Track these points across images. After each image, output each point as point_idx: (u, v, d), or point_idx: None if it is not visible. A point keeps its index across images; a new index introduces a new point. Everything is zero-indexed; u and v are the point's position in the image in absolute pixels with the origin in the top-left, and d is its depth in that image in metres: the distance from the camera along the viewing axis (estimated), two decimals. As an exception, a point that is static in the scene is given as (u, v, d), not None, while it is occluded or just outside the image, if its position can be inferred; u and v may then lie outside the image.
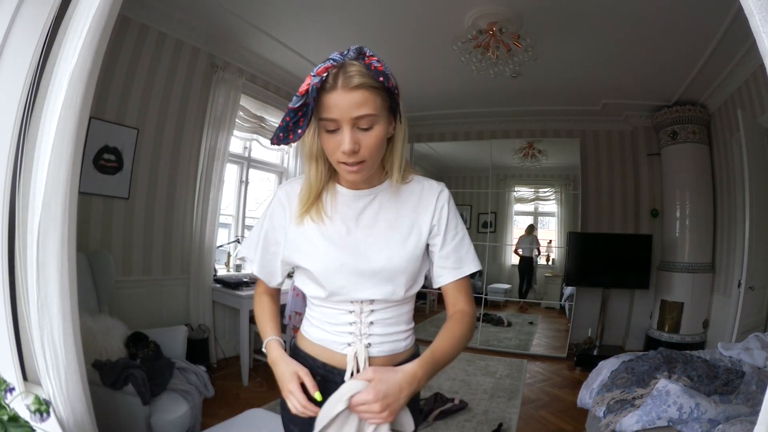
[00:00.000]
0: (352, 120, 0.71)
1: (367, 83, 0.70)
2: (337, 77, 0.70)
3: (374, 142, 0.74)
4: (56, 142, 0.91)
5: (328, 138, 0.75)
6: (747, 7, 0.66)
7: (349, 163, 0.75)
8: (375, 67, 0.71)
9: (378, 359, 0.85)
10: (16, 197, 0.94)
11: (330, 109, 0.71)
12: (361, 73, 0.70)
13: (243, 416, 1.66)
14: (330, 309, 0.87)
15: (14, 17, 0.91)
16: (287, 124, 0.73)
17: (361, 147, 0.73)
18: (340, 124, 0.72)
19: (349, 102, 0.70)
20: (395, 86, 0.75)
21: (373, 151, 0.75)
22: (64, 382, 0.93)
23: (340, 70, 0.71)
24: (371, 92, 0.71)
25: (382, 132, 0.75)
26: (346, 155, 0.73)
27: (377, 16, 2.83)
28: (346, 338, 0.85)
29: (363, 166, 0.76)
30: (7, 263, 0.93)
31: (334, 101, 0.70)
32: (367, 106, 0.71)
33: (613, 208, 4.50)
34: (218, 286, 3.18)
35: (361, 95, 0.70)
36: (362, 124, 0.72)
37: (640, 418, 1.65)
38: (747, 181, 2.76)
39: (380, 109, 0.73)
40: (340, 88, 0.70)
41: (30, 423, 0.70)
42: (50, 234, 0.92)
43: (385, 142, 0.78)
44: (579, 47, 3.06)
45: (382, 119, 0.75)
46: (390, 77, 0.73)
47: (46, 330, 0.92)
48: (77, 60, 0.91)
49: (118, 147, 2.65)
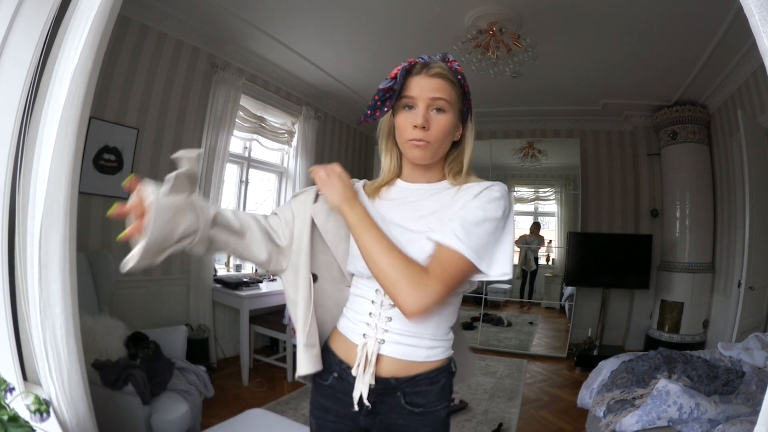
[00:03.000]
0: (429, 99, 0.81)
1: (445, 75, 0.82)
2: (422, 67, 0.82)
3: (443, 125, 0.82)
4: (57, 142, 0.91)
5: (404, 115, 0.83)
6: (747, 7, 0.66)
7: (416, 139, 0.81)
8: (455, 68, 0.83)
9: (388, 360, 0.82)
10: (17, 197, 0.94)
11: (411, 88, 0.82)
12: (442, 67, 0.82)
13: (243, 416, 1.66)
14: (356, 296, 0.88)
15: (14, 17, 0.91)
16: (375, 102, 0.84)
17: (430, 126, 0.81)
18: (417, 102, 0.81)
19: (428, 84, 0.81)
20: (469, 92, 0.86)
21: (440, 135, 0.82)
22: (66, 382, 0.93)
23: (426, 63, 0.83)
24: (448, 83, 0.82)
25: (451, 122, 0.83)
26: (416, 129, 0.80)
27: (377, 16, 2.83)
28: (362, 328, 0.85)
29: (428, 145, 0.82)
30: (7, 263, 0.93)
31: (417, 83, 0.82)
32: (443, 92, 0.81)
33: (613, 208, 4.50)
34: (218, 286, 3.17)
35: (439, 82, 0.81)
36: (436, 105, 0.81)
37: (640, 418, 1.65)
38: (747, 181, 2.76)
39: (453, 101, 0.83)
40: (423, 74, 0.82)
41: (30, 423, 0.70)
42: (52, 234, 0.92)
43: (451, 134, 0.85)
44: (579, 47, 3.06)
45: (452, 111, 0.83)
46: (465, 80, 0.84)
47: (48, 330, 0.92)
48: (77, 60, 0.91)
49: (118, 147, 2.65)
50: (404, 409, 0.83)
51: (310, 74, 3.89)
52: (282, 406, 2.60)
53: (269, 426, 1.60)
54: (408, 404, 0.83)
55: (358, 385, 0.83)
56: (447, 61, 0.84)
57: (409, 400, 0.83)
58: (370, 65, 3.62)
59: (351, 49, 3.40)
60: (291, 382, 3.03)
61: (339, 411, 0.87)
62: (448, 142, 0.85)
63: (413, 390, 0.83)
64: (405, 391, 0.83)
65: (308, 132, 4.18)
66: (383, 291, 0.79)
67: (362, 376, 0.82)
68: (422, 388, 0.83)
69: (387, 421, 0.85)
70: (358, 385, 0.83)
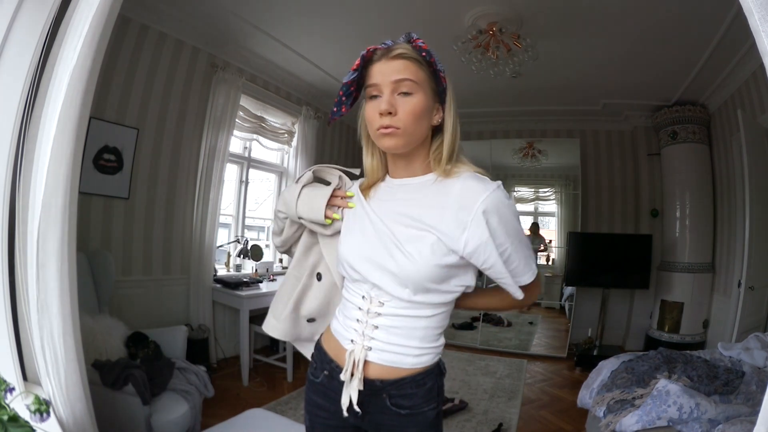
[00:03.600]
0: (392, 83, 0.75)
1: (408, 54, 0.76)
2: (383, 52, 0.77)
3: (411, 108, 0.76)
4: (56, 142, 0.91)
5: (371, 105, 0.78)
6: (746, 6, 0.66)
7: (384, 126, 0.76)
8: (419, 46, 0.76)
9: (375, 366, 0.82)
10: (16, 197, 0.94)
11: (374, 75, 0.77)
12: (404, 47, 0.76)
13: (243, 416, 1.66)
14: (346, 300, 0.88)
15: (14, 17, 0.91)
16: (340, 98, 0.81)
17: (397, 111, 0.75)
18: (381, 89, 0.76)
19: (390, 68, 0.76)
20: (440, 68, 0.78)
21: (409, 118, 0.76)
22: (64, 382, 0.93)
23: (388, 48, 0.77)
24: (412, 62, 0.76)
25: (422, 103, 0.77)
26: (383, 116, 0.75)
27: (377, 16, 2.83)
28: (351, 334, 0.85)
29: (397, 131, 0.76)
30: (7, 263, 0.93)
31: (378, 69, 0.76)
32: (407, 72, 0.75)
33: (613, 208, 4.50)
34: (218, 286, 3.17)
35: (401, 63, 0.75)
36: (402, 88, 0.76)
37: (640, 418, 1.65)
38: (747, 181, 2.76)
39: (422, 81, 0.77)
40: (384, 58, 0.76)
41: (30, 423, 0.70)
42: (50, 234, 0.92)
43: (424, 117, 0.79)
44: (579, 47, 3.06)
45: (423, 91, 0.77)
46: (433, 55, 0.76)
47: (46, 330, 0.92)
48: (77, 60, 0.91)
49: (118, 147, 2.65)
50: (390, 411, 0.83)
51: (310, 74, 3.89)
52: (282, 406, 2.60)
53: (269, 426, 1.60)
54: (393, 406, 0.82)
55: (346, 390, 0.83)
56: (411, 42, 0.77)
57: (394, 402, 0.82)
58: (370, 65, 3.62)
59: (351, 49, 3.38)
60: (291, 382, 3.04)
61: (330, 408, 0.88)
62: (423, 126, 0.79)
63: (399, 392, 0.82)
64: (390, 393, 0.82)
65: (308, 132, 4.18)
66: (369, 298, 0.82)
67: (349, 382, 0.82)
68: (408, 390, 0.82)
69: (375, 421, 0.85)
70: (346, 391, 0.83)
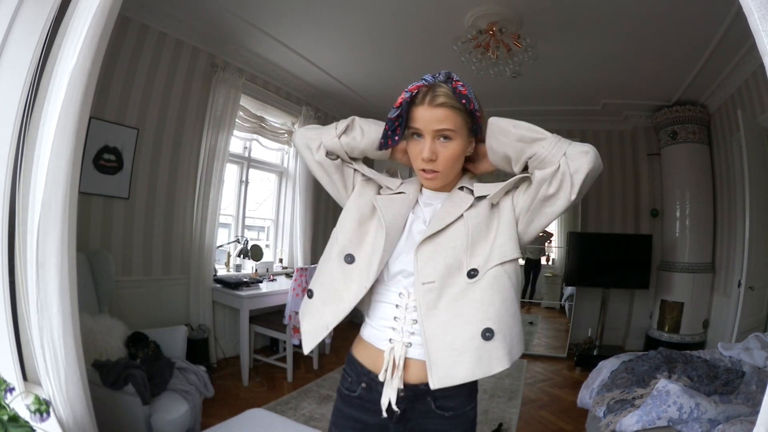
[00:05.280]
0: (434, 132, 0.82)
1: (450, 103, 0.80)
2: (425, 95, 0.81)
3: (450, 155, 0.83)
4: (56, 142, 0.91)
5: (414, 144, 0.86)
6: (746, 6, 0.66)
7: (427, 170, 0.85)
8: (459, 91, 0.81)
9: (415, 364, 0.82)
10: (16, 197, 0.94)
11: (416, 120, 0.83)
12: (446, 94, 0.81)
13: (243, 416, 1.66)
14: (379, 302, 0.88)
15: (14, 17, 0.91)
16: (386, 131, 0.87)
17: (438, 157, 0.83)
18: (423, 133, 0.83)
19: (432, 116, 0.81)
20: (477, 108, 0.84)
21: (448, 163, 0.84)
22: (64, 382, 0.93)
23: (429, 90, 0.81)
24: (453, 111, 0.81)
25: (459, 148, 0.84)
26: (424, 162, 0.83)
27: (377, 16, 2.83)
28: (388, 333, 0.85)
29: (437, 175, 0.85)
30: (7, 263, 0.93)
31: (421, 114, 0.82)
32: (447, 122, 0.81)
33: (613, 208, 4.50)
34: (218, 286, 3.17)
35: (443, 112, 0.81)
36: (442, 134, 0.83)
37: (640, 418, 1.65)
38: (747, 181, 2.76)
39: (460, 128, 0.83)
40: (427, 104, 0.81)
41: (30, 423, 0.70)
42: (50, 234, 0.92)
43: (461, 157, 0.87)
44: (579, 47, 3.06)
45: (460, 137, 0.84)
46: (473, 101, 0.83)
47: (45, 330, 0.92)
48: (77, 60, 0.91)
49: (118, 147, 2.65)
50: (434, 414, 0.83)
51: (310, 74, 3.89)
52: (282, 406, 2.60)
53: (269, 426, 1.60)
54: (438, 408, 0.83)
55: (386, 390, 0.82)
56: (451, 80, 0.82)
57: (439, 404, 0.83)
58: (370, 65, 3.62)
59: (351, 49, 3.40)
60: (291, 382, 3.04)
61: (368, 421, 0.87)
62: (459, 164, 0.88)
63: (443, 393, 0.82)
64: (435, 396, 0.83)
65: (308, 132, 4.17)
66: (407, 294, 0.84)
67: (390, 381, 0.81)
68: (452, 391, 0.81)
69: (417, 428, 0.85)
70: (386, 391, 0.82)
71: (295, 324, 3.03)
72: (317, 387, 2.91)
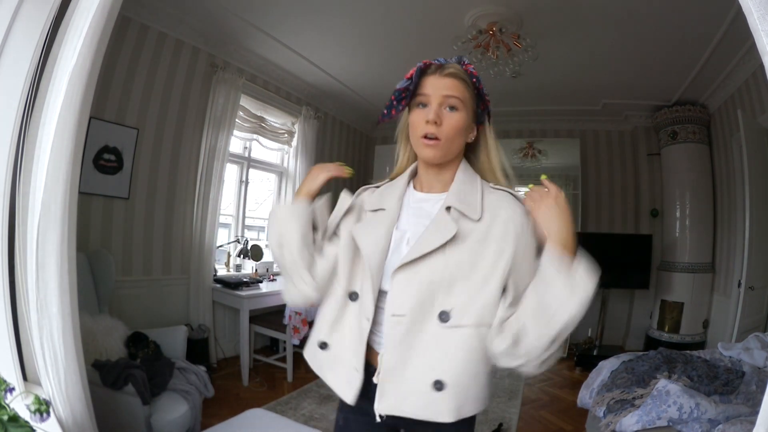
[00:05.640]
0: (441, 97, 0.83)
1: (459, 75, 0.84)
2: (437, 67, 0.85)
3: (455, 123, 0.83)
4: (56, 142, 0.91)
5: (418, 112, 0.85)
6: (746, 5, 0.66)
7: (429, 137, 0.83)
8: (470, 71, 0.86)
9: None
10: (16, 197, 0.94)
11: (425, 86, 0.84)
12: (457, 68, 0.85)
13: (243, 416, 1.66)
14: None
15: (14, 17, 0.91)
16: (391, 101, 0.87)
17: (442, 122, 0.82)
18: (430, 99, 0.83)
19: (442, 83, 0.83)
20: (485, 93, 0.88)
21: (451, 132, 0.83)
22: (64, 382, 0.93)
23: (441, 65, 0.85)
24: (462, 83, 0.84)
25: (464, 120, 0.84)
26: (429, 124, 0.82)
27: (377, 16, 2.83)
28: None
29: (438, 143, 0.83)
30: (7, 263, 0.93)
31: (431, 82, 0.84)
32: (456, 90, 0.83)
33: (613, 208, 4.50)
34: (218, 286, 3.17)
35: (452, 81, 0.83)
36: (449, 102, 0.83)
37: (640, 418, 1.65)
38: (747, 181, 2.76)
39: (467, 101, 0.85)
40: (437, 74, 0.84)
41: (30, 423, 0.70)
42: (50, 234, 0.92)
43: (463, 133, 0.86)
44: (579, 47, 3.06)
45: (465, 112, 0.84)
46: (481, 81, 0.86)
47: (45, 330, 0.92)
48: (77, 60, 0.91)
49: (118, 147, 2.65)
50: None
51: (310, 74, 3.89)
52: (282, 406, 2.60)
53: (269, 426, 1.60)
54: None
55: None
56: (462, 64, 0.86)
57: None
58: (371, 65, 3.62)
59: (351, 49, 3.40)
60: (291, 382, 3.04)
61: None
62: (460, 141, 0.86)
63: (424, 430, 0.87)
64: None
65: (308, 132, 4.18)
66: None
67: None
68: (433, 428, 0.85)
69: None
70: None
71: (294, 324, 3.04)
72: (317, 387, 2.91)
